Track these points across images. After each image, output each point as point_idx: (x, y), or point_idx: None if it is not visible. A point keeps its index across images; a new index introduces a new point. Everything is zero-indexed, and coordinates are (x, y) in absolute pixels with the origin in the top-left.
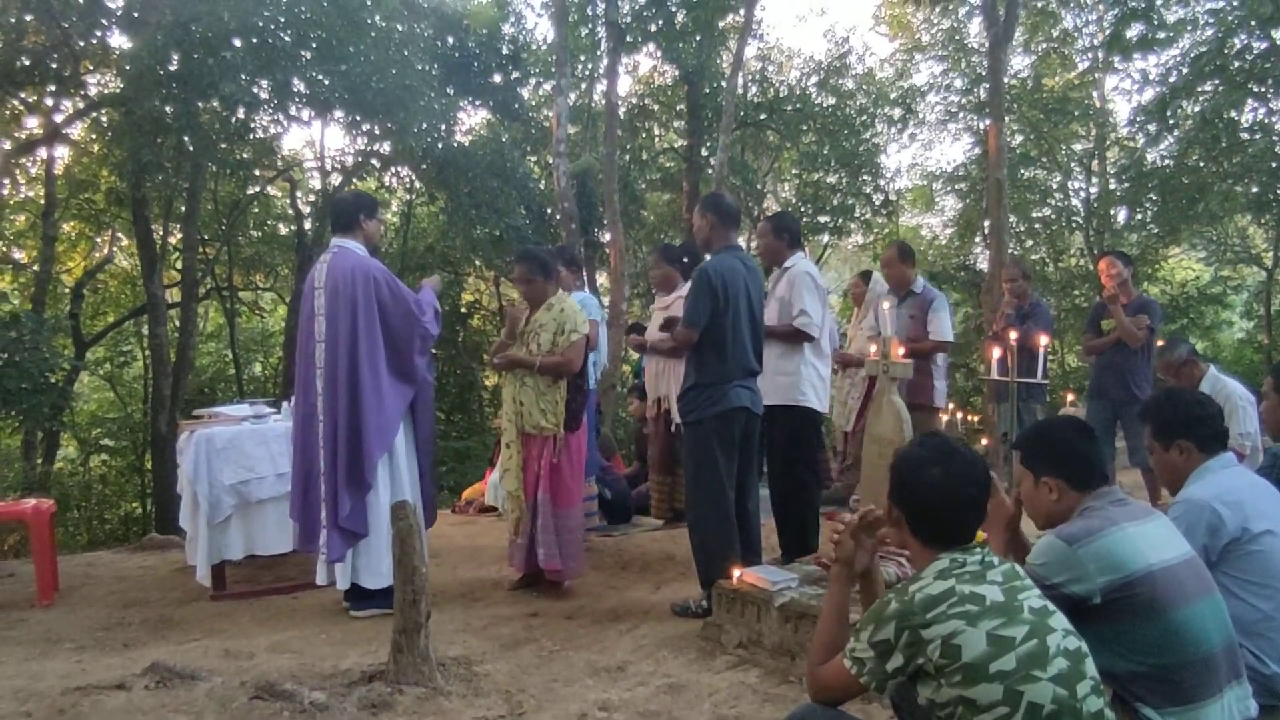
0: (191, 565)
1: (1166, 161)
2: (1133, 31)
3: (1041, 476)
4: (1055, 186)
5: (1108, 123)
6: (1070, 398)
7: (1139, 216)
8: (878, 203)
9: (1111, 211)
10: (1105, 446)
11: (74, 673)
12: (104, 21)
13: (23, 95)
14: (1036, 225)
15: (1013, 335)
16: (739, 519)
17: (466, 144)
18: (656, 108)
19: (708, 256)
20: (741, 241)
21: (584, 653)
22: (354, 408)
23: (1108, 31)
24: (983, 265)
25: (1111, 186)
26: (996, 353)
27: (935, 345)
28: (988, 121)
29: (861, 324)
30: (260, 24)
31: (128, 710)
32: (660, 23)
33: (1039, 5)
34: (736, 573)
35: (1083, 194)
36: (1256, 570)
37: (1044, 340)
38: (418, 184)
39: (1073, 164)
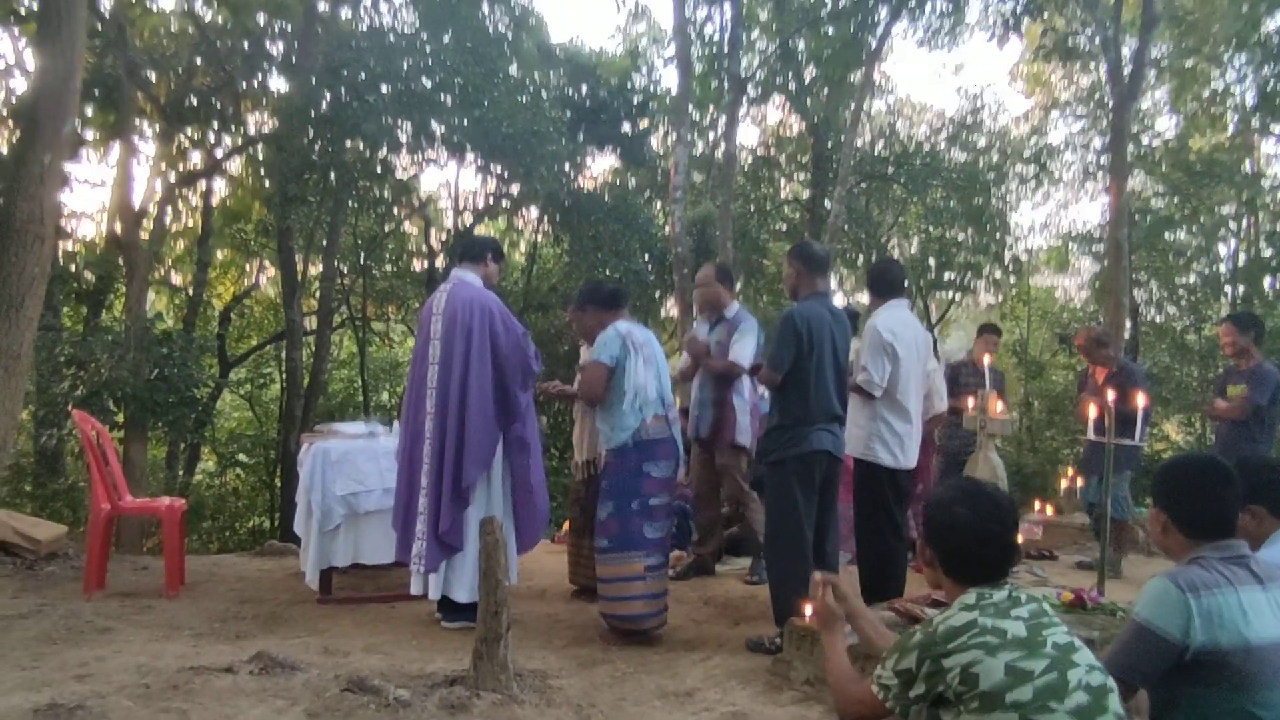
0: (303, 571)
1: None
2: None
3: (1156, 505)
4: (1200, 251)
5: (1258, 186)
6: None
7: None
8: (1006, 261)
9: (1267, 281)
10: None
11: (190, 655)
12: (265, 65)
13: (188, 131)
14: (1180, 291)
15: (1110, 394)
16: (816, 560)
17: (593, 188)
18: (783, 158)
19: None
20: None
21: (655, 677)
22: (461, 428)
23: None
24: None
25: (1267, 253)
26: (1093, 412)
27: (726, 365)
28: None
29: None
30: (404, 70)
31: (233, 691)
32: (789, 74)
33: (1188, 65)
34: (809, 610)
35: (1229, 261)
36: None
37: (1141, 400)
38: (545, 225)
39: (1221, 229)
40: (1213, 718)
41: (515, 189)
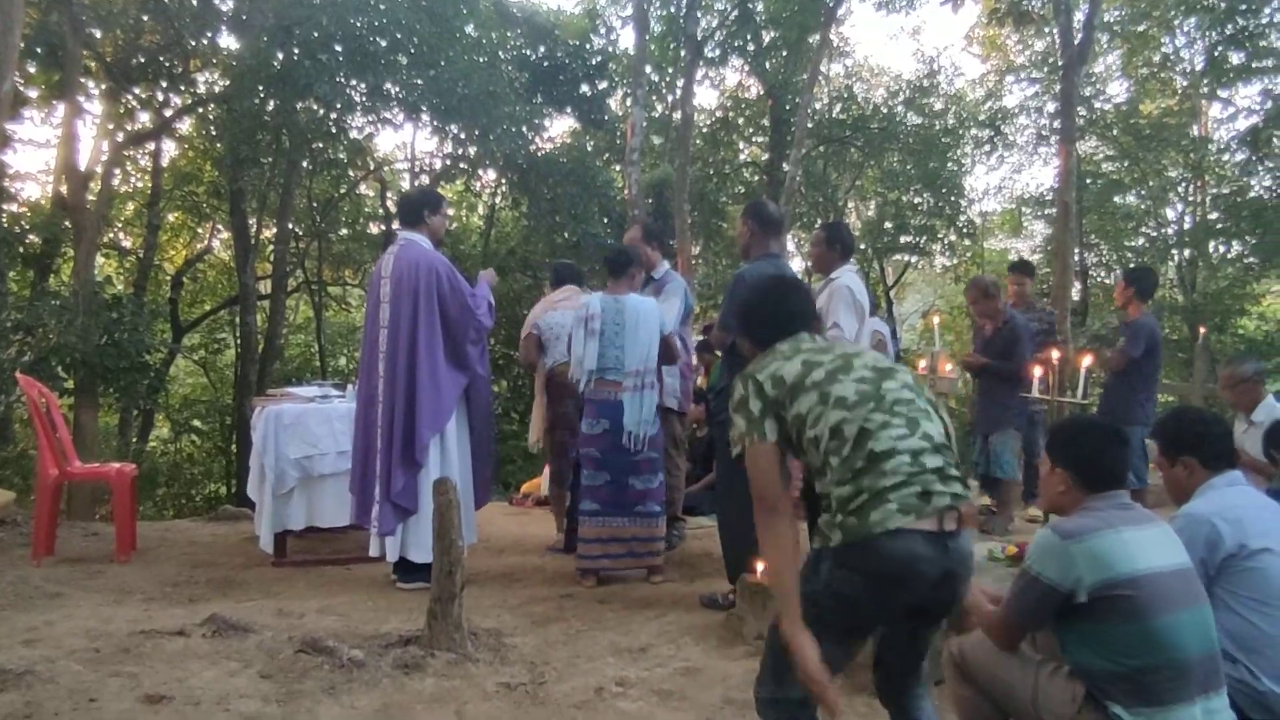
0: (258, 535)
1: (1263, 193)
2: (1236, 59)
3: (1055, 466)
4: (1147, 213)
5: (1205, 150)
6: None
7: (1235, 249)
8: (961, 225)
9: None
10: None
11: (141, 619)
12: (215, 23)
13: (136, 91)
14: (1129, 254)
15: (1056, 353)
16: None
17: (550, 151)
18: (741, 121)
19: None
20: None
21: (610, 633)
22: (410, 390)
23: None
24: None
25: (1213, 217)
26: (1038, 371)
27: None
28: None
29: None
30: (358, 29)
31: (184, 654)
32: (748, 37)
33: (1139, 29)
34: (760, 567)
35: (1176, 224)
36: (1254, 587)
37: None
38: (503, 188)
39: (1170, 193)
40: (1118, 649)
41: (472, 151)
